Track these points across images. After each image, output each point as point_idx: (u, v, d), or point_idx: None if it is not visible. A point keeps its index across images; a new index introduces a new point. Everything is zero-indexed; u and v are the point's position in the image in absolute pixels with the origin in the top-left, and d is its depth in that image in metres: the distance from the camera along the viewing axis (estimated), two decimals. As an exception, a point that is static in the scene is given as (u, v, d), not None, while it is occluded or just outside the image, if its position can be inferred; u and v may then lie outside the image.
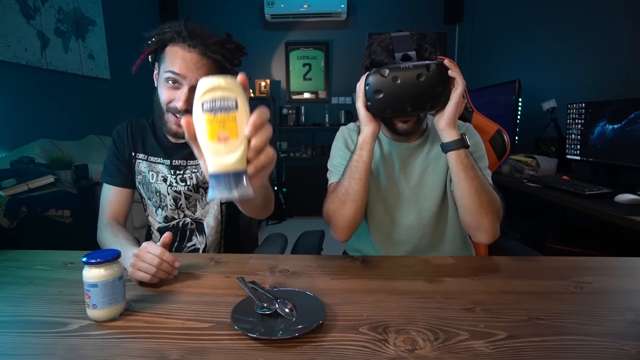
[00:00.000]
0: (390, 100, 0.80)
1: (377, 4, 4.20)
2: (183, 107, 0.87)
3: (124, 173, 1.04)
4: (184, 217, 1.05)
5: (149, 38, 0.90)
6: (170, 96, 0.88)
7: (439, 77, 0.79)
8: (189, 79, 0.86)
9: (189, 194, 1.03)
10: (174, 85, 0.87)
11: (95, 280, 0.60)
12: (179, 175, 1.03)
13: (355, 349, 0.53)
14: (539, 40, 2.71)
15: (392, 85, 0.79)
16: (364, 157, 0.85)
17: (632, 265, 0.83)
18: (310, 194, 3.73)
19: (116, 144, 1.05)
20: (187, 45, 0.86)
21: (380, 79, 0.80)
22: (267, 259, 0.89)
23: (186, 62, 0.85)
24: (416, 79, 0.78)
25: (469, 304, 0.65)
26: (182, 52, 0.86)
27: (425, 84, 0.78)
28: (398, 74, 0.79)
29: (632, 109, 1.67)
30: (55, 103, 2.65)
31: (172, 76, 0.86)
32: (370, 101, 0.83)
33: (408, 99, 0.80)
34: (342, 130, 1.04)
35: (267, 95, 4.17)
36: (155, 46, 0.89)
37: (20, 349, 0.54)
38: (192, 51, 0.86)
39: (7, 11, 2.21)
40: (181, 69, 0.85)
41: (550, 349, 0.52)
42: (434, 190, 0.96)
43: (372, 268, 0.82)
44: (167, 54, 0.88)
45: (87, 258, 0.60)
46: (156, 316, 0.62)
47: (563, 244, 1.66)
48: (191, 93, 0.86)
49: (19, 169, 1.87)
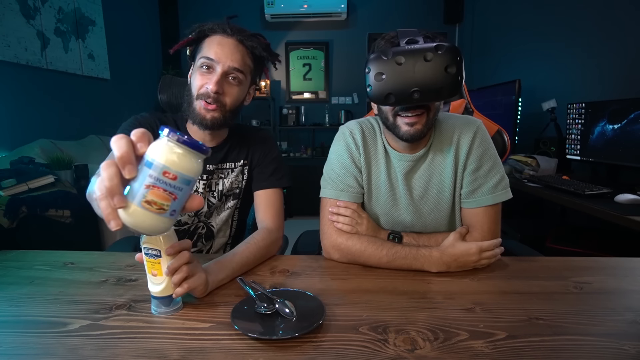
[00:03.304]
0: (394, 84, 0.72)
1: (377, 4, 4.20)
2: (214, 89, 0.86)
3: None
4: (198, 222, 1.02)
5: (191, 31, 0.91)
6: (203, 81, 0.88)
7: (450, 58, 0.70)
8: (222, 63, 0.87)
9: (212, 202, 1.00)
10: (207, 71, 0.88)
11: (194, 175, 0.48)
12: (207, 181, 0.98)
13: (355, 349, 0.53)
14: (539, 40, 2.71)
15: (396, 67, 0.71)
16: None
17: (632, 266, 0.83)
18: (310, 194, 3.70)
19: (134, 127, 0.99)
20: (226, 34, 0.89)
21: (382, 61, 0.72)
22: (267, 259, 0.89)
23: (222, 47, 0.87)
24: (423, 60, 0.70)
25: (468, 304, 0.65)
26: (220, 38, 0.89)
27: (434, 65, 0.70)
28: (402, 55, 0.71)
29: (632, 109, 1.67)
30: (55, 103, 2.65)
31: (206, 62, 0.87)
32: (371, 87, 0.74)
33: (414, 83, 0.71)
34: (343, 133, 0.94)
35: (267, 95, 4.17)
36: (196, 36, 0.91)
37: (21, 349, 0.54)
38: (230, 37, 0.89)
39: (7, 11, 2.21)
40: (216, 54, 0.87)
41: (550, 349, 0.53)
42: (439, 203, 0.90)
43: (372, 268, 0.82)
44: (205, 43, 0.90)
45: (190, 141, 0.46)
46: (156, 316, 0.62)
47: (563, 244, 1.66)
48: (222, 77, 0.87)
49: (19, 169, 1.87)
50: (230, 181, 1.01)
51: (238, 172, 1.02)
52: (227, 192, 1.01)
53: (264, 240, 0.87)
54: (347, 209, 0.89)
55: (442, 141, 0.89)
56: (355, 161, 0.92)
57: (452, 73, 0.71)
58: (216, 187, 1.00)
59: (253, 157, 1.03)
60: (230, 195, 1.02)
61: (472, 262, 0.79)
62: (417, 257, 0.79)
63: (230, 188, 1.01)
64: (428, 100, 0.75)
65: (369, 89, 0.75)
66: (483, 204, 0.87)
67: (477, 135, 0.87)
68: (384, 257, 0.80)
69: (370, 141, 0.93)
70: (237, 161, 1.02)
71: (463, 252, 0.78)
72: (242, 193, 1.04)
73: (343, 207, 0.89)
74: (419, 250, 0.80)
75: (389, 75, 0.72)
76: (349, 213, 0.89)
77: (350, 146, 0.92)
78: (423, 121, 0.81)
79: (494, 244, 0.81)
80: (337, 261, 0.86)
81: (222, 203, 1.02)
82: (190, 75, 0.93)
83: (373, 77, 0.73)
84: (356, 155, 0.92)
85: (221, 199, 1.01)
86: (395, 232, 0.89)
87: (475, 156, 0.87)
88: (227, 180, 1.01)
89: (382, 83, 0.73)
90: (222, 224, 1.04)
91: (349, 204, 0.90)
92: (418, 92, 0.72)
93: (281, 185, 1.01)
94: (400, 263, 0.80)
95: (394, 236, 0.88)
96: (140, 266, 0.83)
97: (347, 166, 0.91)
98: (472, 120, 0.90)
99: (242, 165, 1.02)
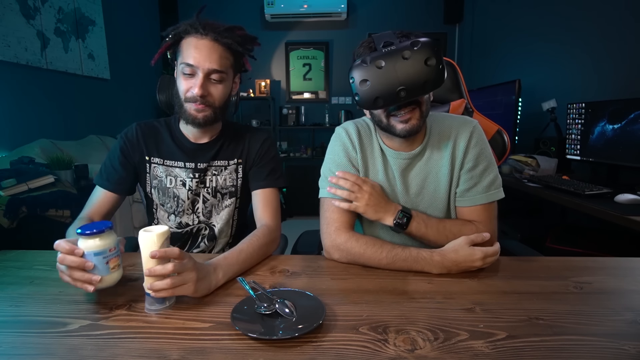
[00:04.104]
0: (379, 87, 0.74)
1: (377, 4, 4.20)
2: (199, 93, 0.89)
3: (123, 180, 1.00)
4: (199, 222, 1.04)
5: (166, 35, 0.92)
6: (188, 85, 0.91)
7: (427, 51, 0.73)
8: (202, 67, 0.89)
9: (207, 197, 1.03)
10: (190, 75, 0.90)
11: (114, 243, 0.67)
12: (200, 177, 1.02)
13: (355, 349, 0.53)
14: (539, 40, 2.71)
15: (378, 72, 0.74)
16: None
17: (632, 265, 0.83)
18: (310, 194, 3.71)
19: (123, 150, 1.00)
20: (200, 34, 0.89)
21: (363, 68, 0.75)
22: (267, 259, 0.89)
23: (199, 50, 0.88)
24: (402, 59, 0.73)
25: (468, 304, 0.65)
26: (195, 41, 0.89)
27: (414, 62, 0.72)
28: (381, 58, 0.73)
29: (632, 109, 1.67)
30: (55, 103, 2.65)
31: (186, 68, 0.89)
32: (358, 94, 0.77)
33: (398, 82, 0.73)
34: (339, 134, 0.95)
35: (267, 95, 4.17)
36: (172, 41, 0.91)
37: (20, 349, 0.54)
38: (204, 38, 0.89)
39: (7, 11, 2.21)
40: (194, 59, 0.88)
41: (550, 349, 0.53)
42: (435, 201, 0.92)
43: (372, 268, 0.82)
44: (182, 47, 0.90)
45: (91, 229, 0.65)
46: (156, 316, 0.63)
47: (563, 244, 1.67)
48: (205, 79, 0.90)
49: (19, 169, 1.87)
50: (224, 178, 1.04)
51: (232, 170, 1.04)
52: (221, 190, 1.04)
53: (264, 237, 0.90)
54: (346, 180, 0.87)
55: (439, 140, 0.91)
56: (352, 160, 0.93)
57: (433, 65, 0.73)
58: (210, 183, 1.03)
59: (248, 156, 1.05)
60: (226, 193, 1.04)
61: (475, 267, 0.78)
62: (417, 260, 0.79)
63: (224, 185, 1.04)
64: (415, 95, 0.77)
65: (356, 98, 0.78)
66: (478, 202, 0.89)
67: (473, 135, 0.89)
68: (383, 259, 0.80)
69: (366, 140, 0.94)
70: (230, 159, 1.04)
71: (466, 258, 0.78)
72: (240, 192, 1.06)
73: (342, 178, 0.88)
74: (420, 253, 0.79)
75: (373, 80, 0.75)
76: (348, 185, 0.87)
77: (347, 146, 0.93)
78: (417, 115, 0.83)
79: (497, 250, 0.80)
80: (338, 261, 0.86)
81: (218, 201, 1.04)
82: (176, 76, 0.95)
83: (358, 85, 0.76)
84: (353, 155, 0.93)
85: (216, 195, 1.04)
86: (405, 210, 0.86)
87: (472, 155, 0.89)
88: (221, 177, 1.03)
89: (368, 89, 0.75)
90: (224, 224, 1.05)
91: (348, 174, 0.88)
92: (404, 90, 0.74)
93: (278, 185, 1.04)
94: (400, 265, 0.80)
95: (403, 214, 0.85)
96: (140, 266, 0.83)
97: (344, 165, 0.92)
98: (468, 120, 0.92)
99: (236, 164, 1.04)
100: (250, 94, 4.16)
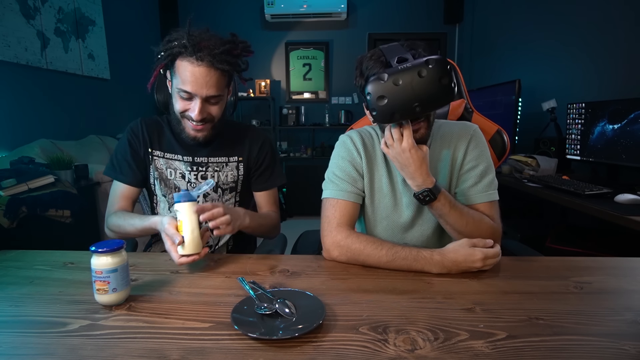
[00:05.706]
0: (396, 103, 0.77)
1: (377, 4, 4.20)
2: (198, 118, 0.92)
3: (136, 172, 1.04)
4: None
5: (158, 53, 0.92)
6: (185, 106, 0.93)
7: (441, 70, 0.76)
8: (199, 95, 0.90)
9: (208, 192, 1.06)
10: (187, 99, 0.92)
11: (115, 266, 0.65)
12: (201, 173, 1.05)
13: (355, 349, 0.53)
14: (539, 40, 2.71)
15: (395, 88, 0.76)
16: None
17: (632, 265, 0.83)
18: (310, 193, 3.74)
19: (131, 143, 1.04)
20: (195, 59, 0.87)
21: (380, 85, 0.77)
22: (267, 259, 0.89)
23: (196, 78, 0.88)
24: (418, 76, 0.75)
25: (468, 304, 0.65)
26: (191, 67, 0.88)
27: (429, 79, 0.75)
28: (398, 75, 0.76)
29: (632, 109, 1.67)
30: (55, 103, 2.66)
31: (184, 93, 0.90)
32: (375, 110, 0.78)
33: (415, 99, 0.76)
34: (344, 141, 0.97)
35: (267, 95, 4.17)
36: (165, 61, 0.92)
37: (20, 349, 0.54)
38: (201, 65, 0.87)
39: (7, 11, 2.21)
40: (192, 87, 0.89)
41: (550, 349, 0.53)
42: None
43: (372, 268, 0.82)
44: (178, 69, 0.90)
45: (103, 247, 0.66)
46: (156, 316, 0.62)
47: (563, 244, 1.67)
48: (204, 104, 0.91)
49: (19, 169, 1.87)
50: (226, 174, 1.07)
51: (233, 167, 1.07)
52: (222, 185, 1.07)
53: (273, 219, 1.08)
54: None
55: (440, 145, 0.94)
56: (356, 167, 0.95)
57: (446, 83, 0.77)
58: (211, 179, 1.05)
59: (250, 155, 1.08)
60: (226, 188, 1.08)
61: (475, 268, 0.78)
62: (417, 259, 0.79)
63: (225, 181, 1.07)
64: (429, 110, 0.81)
65: (374, 113, 0.79)
66: (478, 200, 0.90)
67: (473, 139, 0.93)
68: (383, 257, 0.80)
69: (370, 148, 0.97)
70: (230, 156, 1.07)
71: (466, 258, 0.77)
72: (240, 188, 1.10)
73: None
74: (420, 252, 0.79)
75: (390, 96, 0.77)
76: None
77: (352, 152, 0.95)
78: (426, 125, 0.86)
79: (498, 252, 0.79)
80: (337, 260, 0.86)
81: (219, 196, 1.07)
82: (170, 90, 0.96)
83: (375, 100, 0.78)
84: (357, 161, 0.95)
85: (217, 191, 1.07)
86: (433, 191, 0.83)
87: (471, 156, 0.92)
88: (222, 173, 1.06)
89: (386, 105, 0.77)
90: None
91: None
92: (419, 106, 0.77)
93: (278, 183, 1.12)
94: (400, 264, 0.80)
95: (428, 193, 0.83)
96: (140, 266, 0.84)
97: (348, 171, 0.94)
98: (468, 125, 0.96)
99: (237, 162, 1.08)
100: (250, 94, 4.16)
